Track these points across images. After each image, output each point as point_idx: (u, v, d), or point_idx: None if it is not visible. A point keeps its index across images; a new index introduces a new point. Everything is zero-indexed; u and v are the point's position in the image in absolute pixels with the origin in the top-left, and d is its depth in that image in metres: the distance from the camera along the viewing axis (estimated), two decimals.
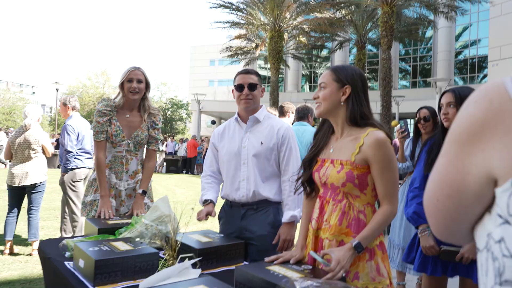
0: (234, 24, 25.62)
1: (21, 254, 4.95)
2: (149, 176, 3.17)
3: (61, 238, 2.38)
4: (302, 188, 2.05)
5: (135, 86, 3.02)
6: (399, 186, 3.90)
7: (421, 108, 3.81)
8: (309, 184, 2.01)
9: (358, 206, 1.80)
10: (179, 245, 1.95)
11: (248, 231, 2.51)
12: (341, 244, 1.78)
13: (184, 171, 20.39)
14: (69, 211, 5.06)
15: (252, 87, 2.57)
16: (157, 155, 19.73)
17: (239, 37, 26.73)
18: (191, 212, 2.21)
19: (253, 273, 1.61)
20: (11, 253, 4.93)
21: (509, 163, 0.65)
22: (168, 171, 20.20)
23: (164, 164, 20.85)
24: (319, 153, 1.97)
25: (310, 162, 1.98)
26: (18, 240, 5.52)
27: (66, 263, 2.03)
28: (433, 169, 0.78)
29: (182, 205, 2.19)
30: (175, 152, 22.16)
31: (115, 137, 3.06)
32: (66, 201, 5.08)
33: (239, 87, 2.58)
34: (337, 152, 1.87)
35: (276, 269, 1.67)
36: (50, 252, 2.19)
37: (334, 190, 1.85)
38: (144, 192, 3.08)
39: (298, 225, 2.24)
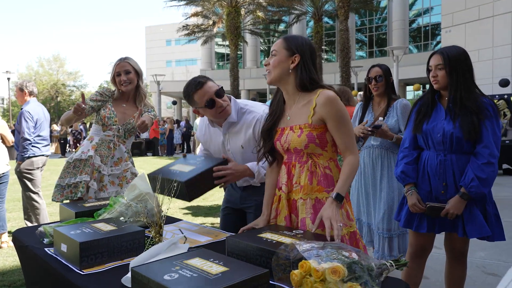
0: (190, 2, 25.10)
1: None
2: (148, 120, 3.03)
3: (37, 226, 2.29)
4: (264, 159, 2.10)
5: (124, 79, 3.08)
6: None
7: (372, 67, 3.39)
8: (270, 154, 2.08)
9: (322, 163, 1.91)
10: (163, 221, 1.91)
11: (249, 200, 2.48)
12: (316, 200, 1.89)
13: (150, 154, 20.16)
14: (28, 200, 4.88)
15: (219, 94, 2.32)
16: None
17: (195, 14, 26.22)
18: (173, 187, 2.16)
19: (246, 242, 1.60)
20: None
21: None
22: (132, 154, 19.86)
23: None
24: (276, 123, 2.04)
25: (268, 132, 2.05)
26: None
27: (46, 249, 1.95)
28: None
29: None
30: (137, 135, 21.82)
31: (108, 119, 3.07)
32: (23, 190, 4.89)
33: (210, 104, 2.29)
34: (293, 118, 1.96)
35: (269, 236, 1.66)
36: (27, 240, 2.10)
37: (298, 153, 1.94)
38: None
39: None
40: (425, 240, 2.59)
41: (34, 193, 4.84)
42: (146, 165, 14.92)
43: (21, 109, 4.90)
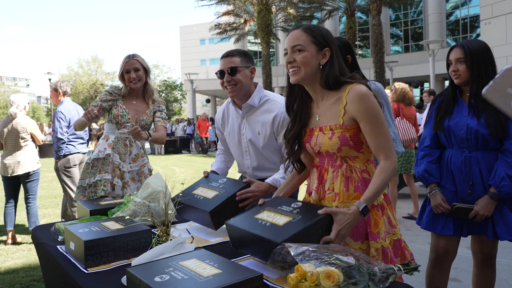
0: (221, 0, 25.25)
1: (24, 243, 4.99)
2: (159, 136, 3.20)
3: (53, 223, 2.33)
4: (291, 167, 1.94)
5: (134, 76, 3.11)
6: None
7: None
8: (299, 162, 1.90)
9: (359, 166, 1.73)
10: (171, 221, 1.90)
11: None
12: None
13: (186, 151, 20.67)
14: (67, 197, 5.03)
15: (233, 71, 2.31)
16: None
17: (227, 13, 26.38)
18: (182, 187, 2.16)
19: (240, 228, 1.61)
20: (14, 242, 4.98)
21: None
22: (167, 152, 20.39)
23: (163, 145, 21.00)
24: (305, 124, 1.85)
25: (296, 139, 1.85)
26: (20, 230, 5.57)
27: (58, 247, 1.98)
28: None
29: (179, 183, 2.15)
30: (172, 133, 22.24)
31: (121, 117, 3.13)
32: (62, 187, 5.05)
33: (220, 74, 2.35)
34: (322, 118, 1.77)
35: (265, 216, 1.63)
36: (43, 237, 2.14)
37: (330, 157, 1.76)
38: (149, 135, 3.09)
39: None
40: (449, 244, 2.43)
41: (72, 190, 4.98)
42: (179, 162, 15.16)
43: (56, 109, 5.05)
